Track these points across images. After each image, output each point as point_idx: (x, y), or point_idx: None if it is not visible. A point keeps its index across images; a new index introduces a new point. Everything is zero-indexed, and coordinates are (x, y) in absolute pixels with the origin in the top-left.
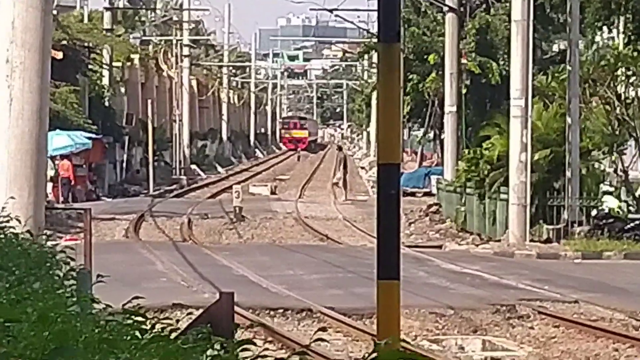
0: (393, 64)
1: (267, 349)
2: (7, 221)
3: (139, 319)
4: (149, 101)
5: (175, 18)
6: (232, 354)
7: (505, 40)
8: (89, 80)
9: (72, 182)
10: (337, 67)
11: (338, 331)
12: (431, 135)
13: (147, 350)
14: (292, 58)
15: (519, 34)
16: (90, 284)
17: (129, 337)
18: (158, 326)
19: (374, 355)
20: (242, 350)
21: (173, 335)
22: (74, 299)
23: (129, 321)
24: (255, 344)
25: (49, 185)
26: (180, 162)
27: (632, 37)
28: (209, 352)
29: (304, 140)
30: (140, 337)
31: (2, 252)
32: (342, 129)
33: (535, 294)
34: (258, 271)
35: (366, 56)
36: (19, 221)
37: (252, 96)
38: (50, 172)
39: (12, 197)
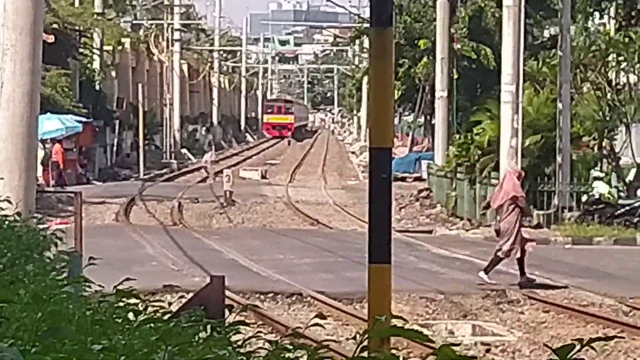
0: (385, 48)
1: (259, 332)
2: None
3: (131, 301)
4: (140, 85)
5: (166, 2)
6: (224, 336)
7: (496, 25)
8: (80, 64)
9: (62, 166)
10: (328, 52)
11: (329, 315)
12: (422, 120)
13: (140, 332)
14: (283, 43)
15: (511, 19)
16: (82, 266)
17: (121, 319)
18: (150, 309)
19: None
20: (234, 332)
21: (165, 317)
22: (66, 281)
23: (121, 303)
24: (248, 325)
25: (40, 168)
26: (170, 146)
27: (623, 23)
28: (201, 335)
29: (289, 127)
30: (132, 319)
31: None
32: (332, 114)
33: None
34: (248, 255)
35: (357, 41)
36: (10, 202)
37: (243, 81)
38: (41, 156)
39: (1, 178)
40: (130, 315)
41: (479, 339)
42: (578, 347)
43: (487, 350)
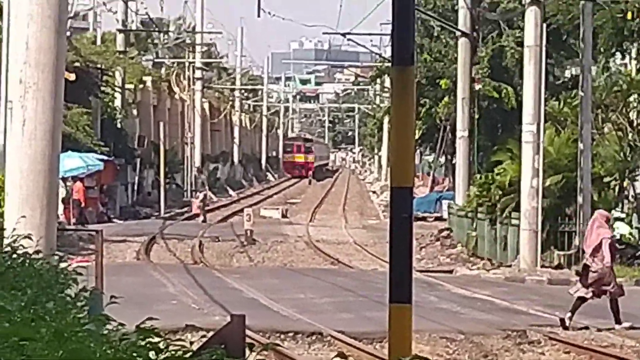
0: (407, 86)
1: None
2: (15, 240)
3: (152, 339)
4: (161, 123)
5: (188, 41)
6: None
7: (516, 65)
8: (102, 102)
9: (83, 204)
10: (349, 91)
11: (349, 355)
12: (443, 159)
13: None
14: (304, 82)
15: (532, 59)
16: (102, 304)
17: (142, 358)
18: (171, 347)
19: None
20: None
21: (186, 356)
22: (87, 319)
23: (142, 342)
24: None
25: (61, 206)
26: (191, 184)
27: None
28: None
29: (310, 166)
30: (153, 357)
31: (15, 271)
32: (353, 153)
33: (546, 320)
34: (269, 294)
35: (378, 80)
36: (31, 239)
37: (264, 119)
38: (62, 194)
39: (23, 216)
40: (152, 354)
41: None
42: None
43: None
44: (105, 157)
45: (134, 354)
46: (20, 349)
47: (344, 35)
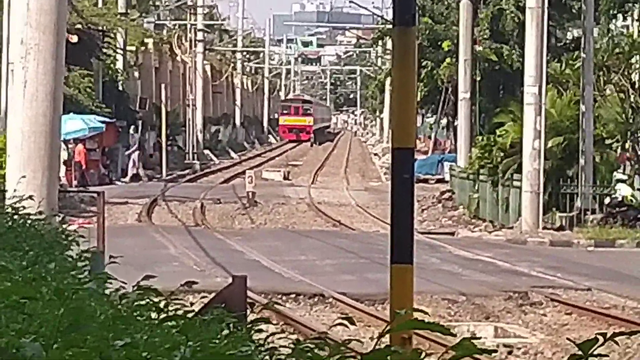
0: (408, 47)
1: (282, 331)
2: (20, 201)
3: (153, 299)
4: (163, 86)
5: (189, 2)
6: (246, 333)
7: (516, 27)
8: (103, 64)
9: (84, 166)
10: (350, 53)
11: (354, 323)
12: (444, 122)
13: (162, 329)
14: (306, 44)
15: (533, 21)
16: (104, 265)
17: (143, 317)
18: (171, 307)
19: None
20: (256, 330)
21: (187, 315)
22: (88, 278)
23: (143, 301)
24: (271, 322)
25: (62, 168)
26: (193, 146)
27: None
28: (223, 332)
29: (308, 129)
30: (154, 316)
31: (16, 232)
32: (355, 116)
33: (548, 282)
34: (270, 256)
35: (380, 42)
36: (33, 199)
37: (266, 82)
38: (64, 156)
39: (23, 176)
40: (152, 313)
41: (501, 341)
42: (601, 341)
43: (509, 352)
44: (106, 119)
45: (135, 313)
46: (21, 307)
47: None
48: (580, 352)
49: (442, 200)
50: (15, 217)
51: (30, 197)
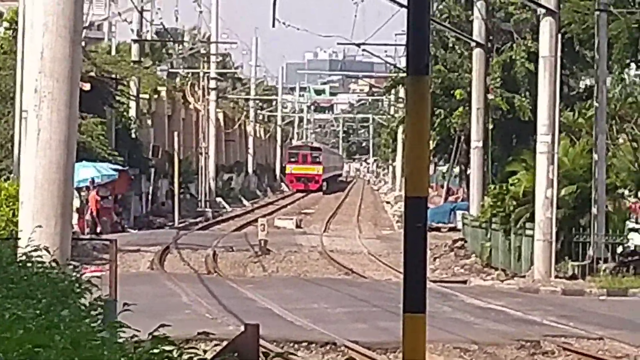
0: (422, 96)
1: None
2: (34, 250)
3: (166, 347)
4: (175, 133)
5: (202, 51)
6: None
7: (526, 75)
8: (116, 112)
9: (94, 213)
10: (363, 101)
11: None
12: (457, 170)
13: None
14: (319, 92)
15: (547, 69)
16: (116, 313)
17: None
18: (185, 356)
19: None
20: None
21: None
22: (101, 327)
23: (156, 350)
24: None
25: (75, 216)
26: (205, 194)
27: None
28: None
29: (317, 179)
30: None
31: (30, 280)
32: (368, 164)
33: (560, 330)
34: (283, 304)
35: (393, 91)
36: (48, 251)
37: (279, 130)
38: (76, 203)
39: (39, 226)
40: None
41: None
42: None
43: None
44: (119, 167)
45: None
46: (35, 356)
47: (358, 45)
48: None
49: (455, 248)
50: (29, 265)
51: (46, 248)
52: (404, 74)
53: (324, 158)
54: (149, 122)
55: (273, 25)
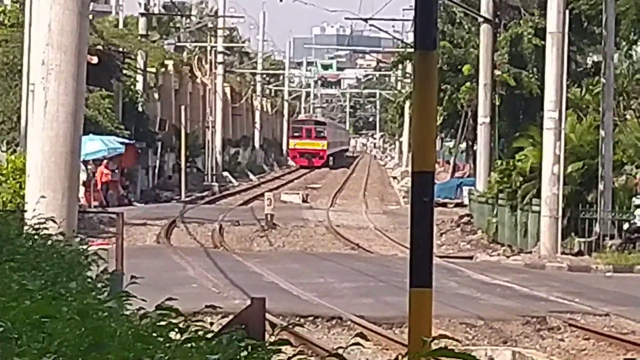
0: (429, 71)
1: (301, 352)
2: (41, 222)
3: (173, 320)
4: (182, 107)
5: (209, 25)
6: (265, 354)
7: (533, 51)
8: (123, 85)
9: (98, 186)
10: (370, 76)
11: (368, 339)
12: (463, 146)
13: (181, 350)
14: (326, 67)
15: (554, 45)
16: (123, 285)
17: (162, 337)
18: (191, 328)
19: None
20: (276, 352)
21: (206, 337)
22: (108, 298)
23: (163, 322)
24: (291, 344)
25: (82, 189)
26: (212, 168)
27: None
28: (242, 354)
29: (321, 154)
30: (174, 337)
31: (36, 252)
32: (374, 139)
33: (566, 306)
34: (289, 278)
35: (400, 66)
36: (54, 222)
37: (285, 104)
38: (83, 177)
39: (43, 197)
40: (172, 334)
41: None
42: None
43: None
44: (126, 141)
45: (155, 333)
46: (42, 326)
47: (366, 20)
48: None
49: (461, 224)
50: (36, 237)
51: (52, 218)
52: (412, 49)
53: (329, 133)
54: (156, 95)
55: (280, 0)
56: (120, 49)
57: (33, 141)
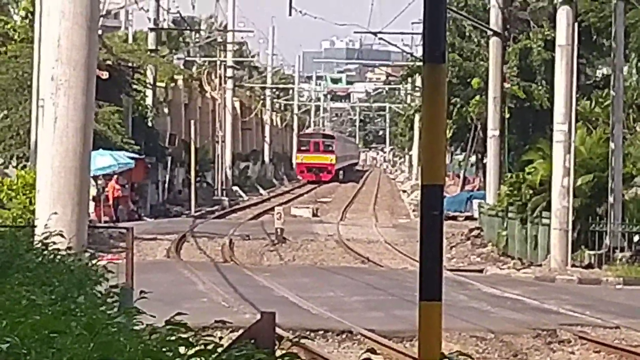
0: (438, 84)
1: None
2: (50, 237)
3: (182, 334)
4: (192, 122)
5: (219, 39)
6: None
7: (542, 64)
8: (133, 100)
9: (109, 201)
10: (380, 90)
11: (379, 353)
12: (473, 159)
13: None
14: (335, 81)
15: (563, 58)
16: (133, 300)
17: (172, 352)
18: (201, 343)
19: None
20: None
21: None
22: (117, 313)
23: (172, 337)
24: (299, 359)
25: (91, 204)
26: (222, 183)
27: None
28: None
29: (329, 168)
30: (183, 352)
31: (46, 267)
32: (384, 153)
33: (577, 319)
34: (299, 292)
35: (409, 79)
36: (63, 236)
37: (295, 118)
38: (93, 192)
39: (55, 213)
40: (181, 349)
41: None
42: None
43: None
44: (136, 155)
45: (164, 349)
46: (51, 342)
47: (375, 34)
48: None
49: (471, 237)
50: (45, 252)
51: (61, 233)
52: (421, 63)
53: (338, 146)
54: (166, 110)
55: (290, 14)
56: (130, 64)
57: (43, 156)
